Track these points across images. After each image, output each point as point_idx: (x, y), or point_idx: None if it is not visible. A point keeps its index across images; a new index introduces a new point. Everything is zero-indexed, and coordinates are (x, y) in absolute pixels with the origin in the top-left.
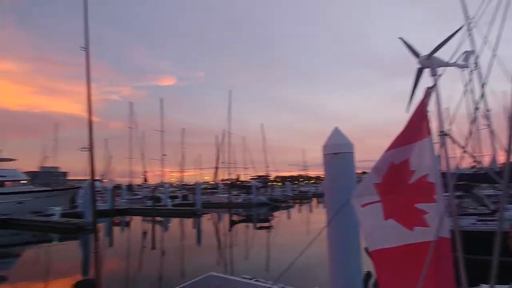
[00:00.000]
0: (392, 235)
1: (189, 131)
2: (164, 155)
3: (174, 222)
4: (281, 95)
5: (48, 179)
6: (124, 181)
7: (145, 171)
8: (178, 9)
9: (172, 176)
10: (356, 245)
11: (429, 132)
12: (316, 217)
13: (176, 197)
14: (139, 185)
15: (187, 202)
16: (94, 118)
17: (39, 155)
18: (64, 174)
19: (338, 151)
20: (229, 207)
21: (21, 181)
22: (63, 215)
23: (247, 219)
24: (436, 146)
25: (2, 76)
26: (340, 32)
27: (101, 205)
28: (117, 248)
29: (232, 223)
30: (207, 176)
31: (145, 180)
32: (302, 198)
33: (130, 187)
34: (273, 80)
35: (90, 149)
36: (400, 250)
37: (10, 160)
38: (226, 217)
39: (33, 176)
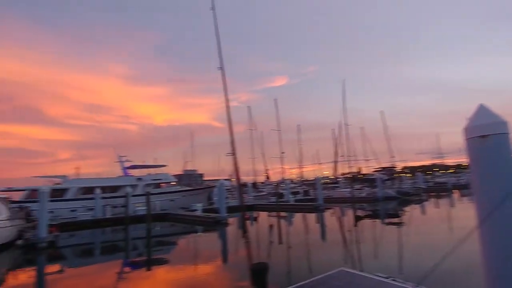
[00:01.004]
0: None
1: (304, 127)
2: (283, 152)
3: (297, 217)
4: (401, 76)
5: (190, 180)
6: (249, 179)
7: (267, 169)
8: (283, 11)
9: (292, 172)
10: None
11: None
12: (459, 212)
13: (297, 192)
14: (262, 183)
15: (308, 197)
16: (219, 124)
17: (181, 160)
18: (201, 175)
19: (486, 133)
20: (352, 201)
21: (171, 183)
22: (203, 210)
23: (374, 215)
24: None
25: (152, 100)
26: None
27: (232, 202)
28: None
29: (357, 218)
30: (326, 171)
31: (268, 177)
32: (439, 191)
33: (254, 184)
34: (390, 61)
35: (233, 153)
36: None
37: (163, 166)
38: (349, 212)
39: (179, 178)
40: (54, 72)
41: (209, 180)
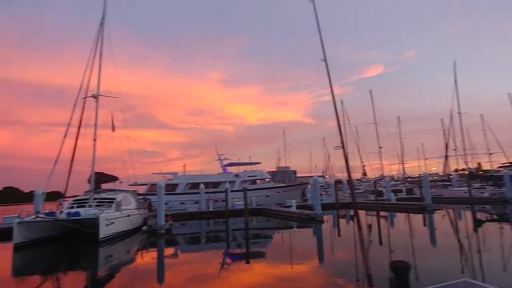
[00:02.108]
0: None
1: (405, 118)
2: (381, 147)
3: (400, 217)
4: None
5: (283, 177)
6: (344, 176)
7: (363, 165)
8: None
9: (391, 168)
10: None
11: None
12: None
13: (399, 191)
14: (358, 180)
15: (412, 196)
16: (310, 120)
17: (274, 158)
18: (294, 172)
19: None
20: (470, 203)
21: (266, 179)
22: (297, 206)
23: (501, 218)
24: None
25: (245, 100)
26: None
27: (326, 199)
28: (345, 239)
29: (477, 222)
30: (435, 167)
31: (364, 174)
32: None
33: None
34: None
35: (343, 147)
36: None
37: (257, 163)
38: (467, 215)
39: (272, 175)
40: (164, 83)
41: (302, 177)
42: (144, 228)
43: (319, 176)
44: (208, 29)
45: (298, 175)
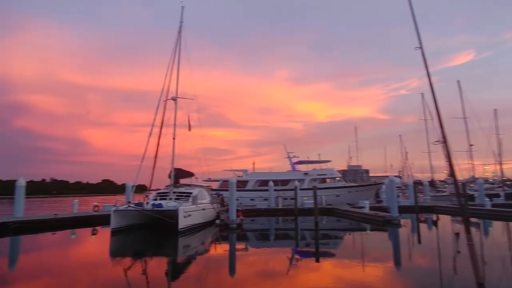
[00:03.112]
0: None
1: (504, 111)
2: (472, 145)
3: (497, 225)
4: None
5: (354, 176)
6: (424, 176)
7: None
8: None
9: (485, 169)
10: None
11: None
12: None
13: (496, 195)
14: (441, 181)
15: None
16: (384, 116)
17: (345, 156)
18: (367, 171)
19: None
20: None
21: (336, 178)
22: (371, 208)
23: None
24: None
25: (314, 97)
26: None
27: (403, 201)
28: (427, 246)
29: None
30: None
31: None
32: None
33: (432, 183)
34: None
35: (445, 141)
36: None
37: (327, 161)
38: None
39: (343, 174)
40: (234, 83)
41: (375, 176)
42: (217, 221)
43: (395, 176)
44: (275, 27)
45: (371, 174)
